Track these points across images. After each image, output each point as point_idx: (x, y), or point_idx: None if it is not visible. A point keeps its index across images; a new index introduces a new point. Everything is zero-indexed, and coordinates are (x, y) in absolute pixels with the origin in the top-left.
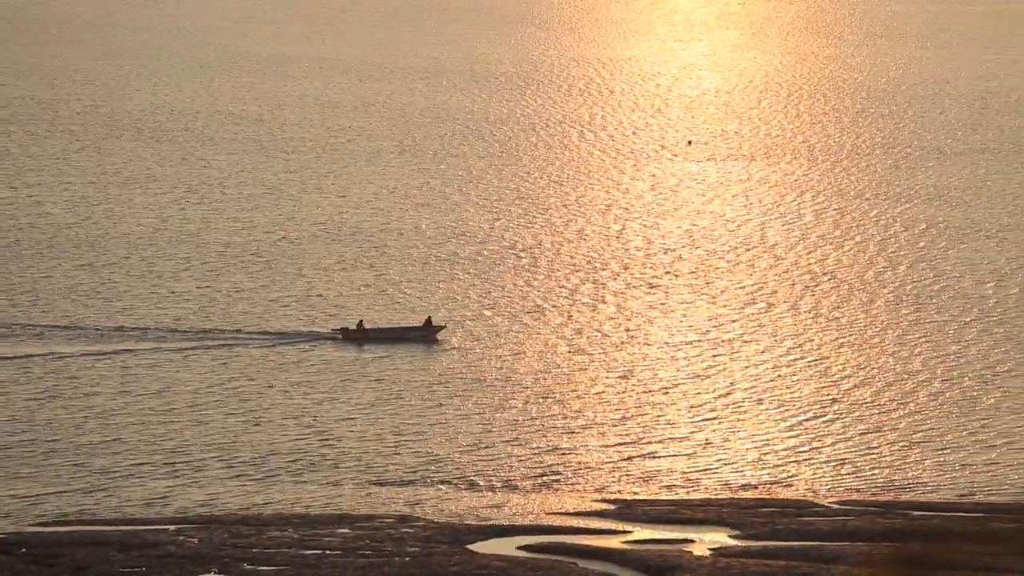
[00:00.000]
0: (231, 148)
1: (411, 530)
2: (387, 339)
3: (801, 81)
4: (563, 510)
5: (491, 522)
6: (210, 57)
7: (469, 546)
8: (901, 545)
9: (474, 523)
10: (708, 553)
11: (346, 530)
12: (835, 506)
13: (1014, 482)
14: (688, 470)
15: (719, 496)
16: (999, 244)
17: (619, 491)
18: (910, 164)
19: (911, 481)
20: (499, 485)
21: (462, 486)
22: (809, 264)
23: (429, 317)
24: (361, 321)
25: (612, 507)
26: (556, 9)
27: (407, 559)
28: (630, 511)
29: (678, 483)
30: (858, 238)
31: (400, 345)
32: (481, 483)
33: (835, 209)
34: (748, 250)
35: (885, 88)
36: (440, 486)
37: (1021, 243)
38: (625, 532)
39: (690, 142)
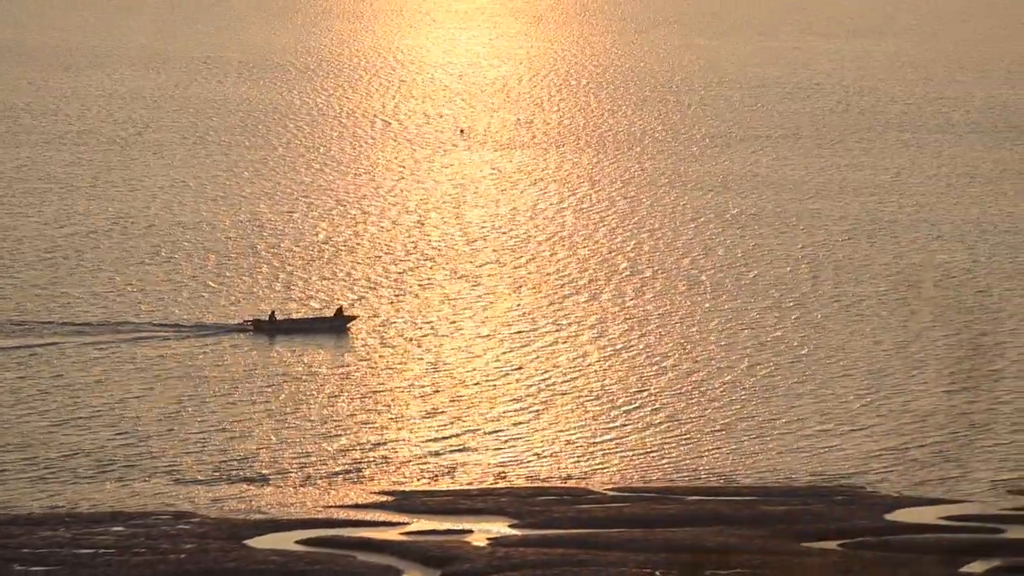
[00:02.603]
0: (13, 142)
1: (187, 527)
2: (299, 330)
3: (585, 69)
4: (344, 503)
5: (270, 517)
6: None
7: (246, 541)
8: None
9: (252, 518)
10: (486, 543)
11: (121, 528)
12: (611, 493)
13: (786, 465)
14: (481, 461)
15: (497, 486)
16: (790, 230)
17: (400, 483)
18: (697, 151)
19: (690, 467)
20: (283, 480)
21: (245, 481)
22: (607, 254)
23: (340, 307)
24: (273, 312)
25: (391, 499)
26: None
27: (183, 556)
28: (409, 503)
29: (466, 474)
30: (654, 226)
31: (311, 336)
32: (265, 478)
33: (628, 198)
34: (549, 240)
35: (667, 76)
36: (222, 482)
37: (809, 229)
38: (405, 524)
39: (462, 130)
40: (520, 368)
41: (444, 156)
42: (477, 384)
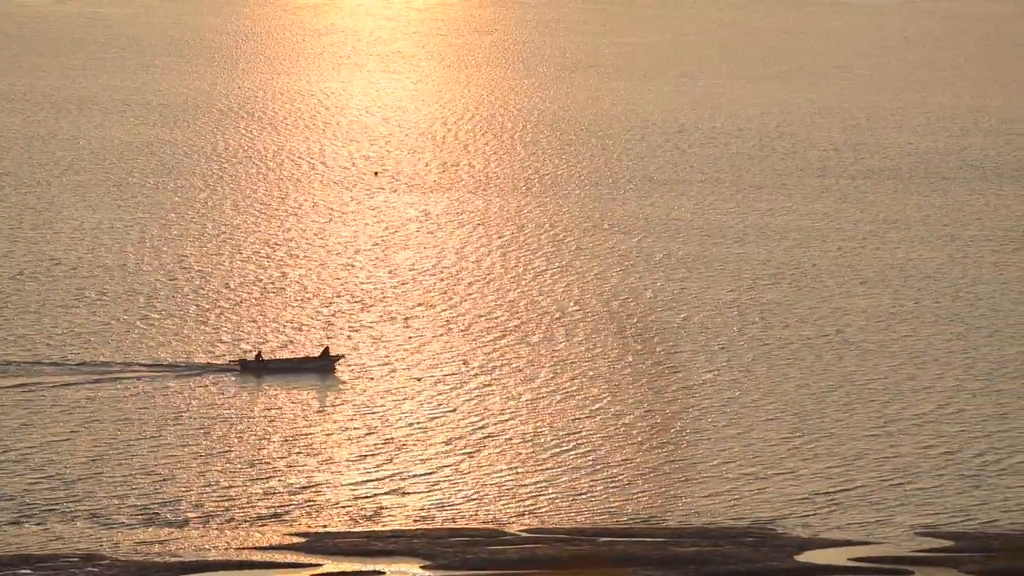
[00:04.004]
0: None
1: (95, 569)
2: (285, 369)
3: (507, 113)
4: (258, 545)
5: (181, 559)
6: None
7: None
8: None
9: (164, 560)
10: None
11: (27, 571)
12: (523, 534)
13: (709, 509)
14: (406, 504)
15: (411, 527)
16: (715, 274)
17: (319, 525)
18: (619, 195)
19: (610, 509)
20: (203, 522)
21: (166, 524)
22: (535, 297)
23: (327, 347)
24: (259, 352)
25: (304, 540)
26: (258, 41)
27: None
28: (321, 544)
29: (389, 516)
30: (580, 270)
31: (298, 376)
32: (186, 520)
33: (553, 241)
34: (477, 283)
35: (588, 119)
36: (143, 524)
37: (734, 273)
38: (316, 566)
39: (376, 173)
40: (452, 410)
41: (370, 199)
42: (407, 426)
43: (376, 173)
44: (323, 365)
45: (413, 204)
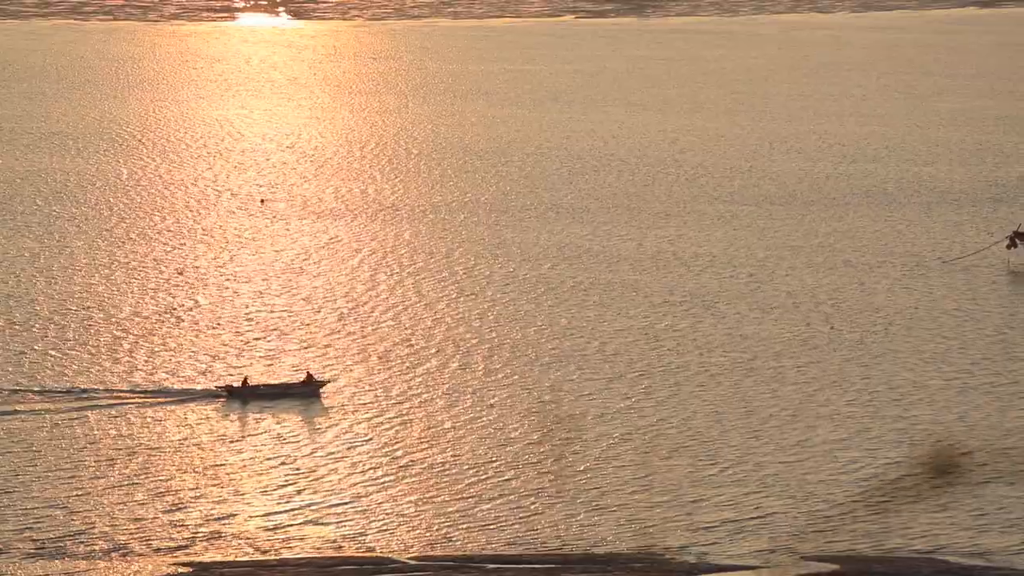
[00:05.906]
0: None
1: None
2: (272, 395)
3: (405, 140)
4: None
5: None
6: None
7: None
8: None
9: None
10: None
11: None
12: (412, 562)
13: (595, 535)
14: (311, 534)
15: (298, 556)
16: (620, 302)
17: (206, 555)
18: (518, 222)
19: (508, 537)
20: (98, 554)
21: (59, 555)
22: (446, 325)
23: (309, 373)
24: (246, 378)
25: (190, 570)
26: (148, 68)
27: None
28: (207, 574)
29: (278, 545)
30: (488, 298)
31: (283, 401)
32: (80, 552)
33: (457, 268)
34: (385, 312)
35: (485, 146)
36: (32, 557)
37: (640, 301)
38: None
39: (263, 200)
40: (368, 439)
41: (270, 226)
42: (322, 456)
43: (262, 201)
44: (310, 390)
45: (315, 232)
